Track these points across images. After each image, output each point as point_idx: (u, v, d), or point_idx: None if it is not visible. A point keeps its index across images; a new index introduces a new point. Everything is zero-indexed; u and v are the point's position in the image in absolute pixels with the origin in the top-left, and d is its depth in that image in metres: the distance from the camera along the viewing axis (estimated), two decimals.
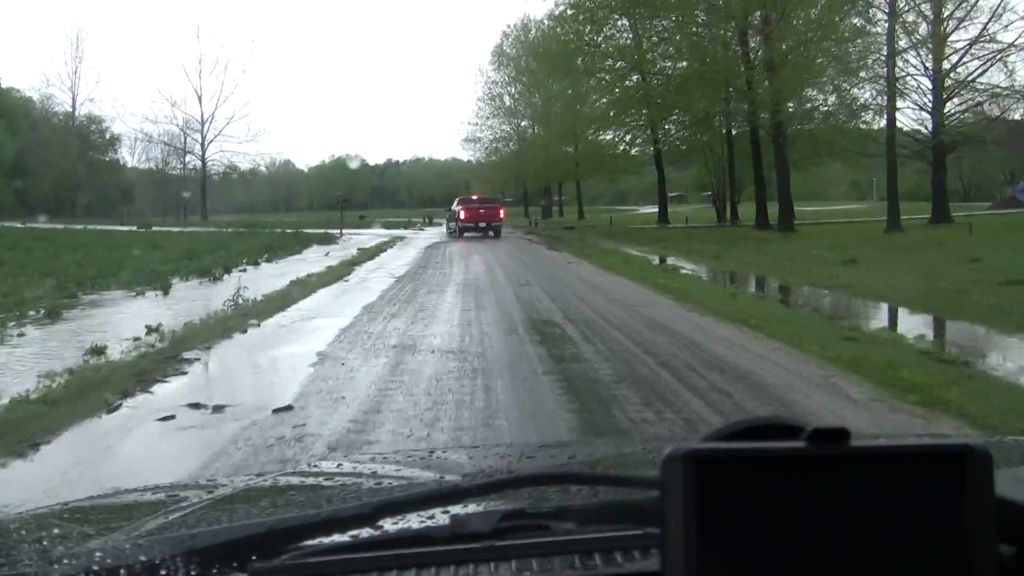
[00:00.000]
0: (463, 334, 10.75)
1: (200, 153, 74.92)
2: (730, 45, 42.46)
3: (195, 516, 1.33)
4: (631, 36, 49.57)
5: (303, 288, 17.02)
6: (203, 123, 72.62)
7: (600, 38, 49.95)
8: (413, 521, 1.14)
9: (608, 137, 60.68)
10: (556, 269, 21.58)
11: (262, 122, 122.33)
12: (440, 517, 1.14)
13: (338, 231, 43.00)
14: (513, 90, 75.25)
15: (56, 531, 1.34)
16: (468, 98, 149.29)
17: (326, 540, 1.08)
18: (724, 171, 57.91)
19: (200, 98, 72.22)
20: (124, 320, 13.63)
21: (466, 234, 37.78)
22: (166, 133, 77.42)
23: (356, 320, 12.32)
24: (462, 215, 38.89)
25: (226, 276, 20.90)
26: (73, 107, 75.14)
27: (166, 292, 17.56)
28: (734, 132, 52.67)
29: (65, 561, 1.04)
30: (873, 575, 0.80)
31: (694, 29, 41.05)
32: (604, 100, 55.27)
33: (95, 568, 0.97)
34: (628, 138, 56.15)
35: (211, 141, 74.08)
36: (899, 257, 23.15)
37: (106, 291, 17.95)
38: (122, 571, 0.95)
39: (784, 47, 37.79)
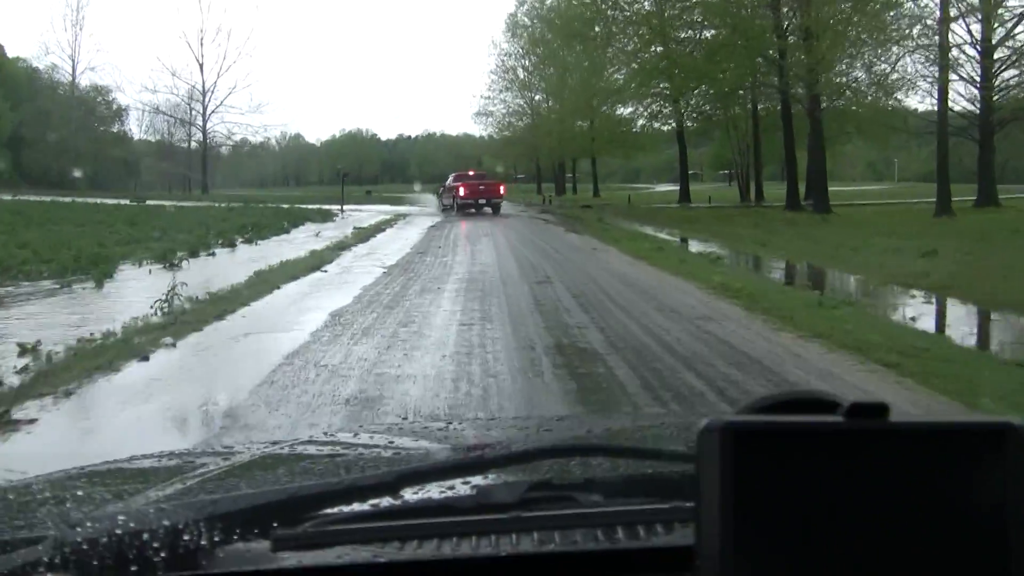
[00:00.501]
0: (458, 375, 6.94)
1: (201, 124, 70.56)
2: (758, 12, 38.41)
3: (213, 482, 1.29)
4: (652, 1, 45.55)
5: (266, 282, 13.23)
6: (204, 93, 68.45)
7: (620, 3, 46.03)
8: (435, 491, 1.10)
9: (625, 112, 56.84)
10: (580, 258, 17.73)
11: (271, 95, 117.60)
12: (463, 487, 1.10)
13: (339, 207, 39.38)
14: (527, 63, 71.12)
15: (75, 494, 1.32)
16: (481, 71, 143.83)
17: (347, 509, 1.05)
18: (748, 148, 54.06)
19: (202, 67, 68.13)
20: (7, 330, 9.94)
21: (469, 211, 34.84)
22: (167, 103, 73.46)
23: (312, 340, 8.56)
24: (461, 191, 35.84)
25: (188, 262, 17.28)
26: (73, 76, 71.22)
27: (100, 284, 13.84)
28: (760, 107, 48.96)
29: (87, 524, 0.98)
30: (909, 552, 0.78)
31: None
32: (623, 72, 51.34)
33: (117, 531, 0.94)
34: (647, 112, 52.00)
35: (212, 112, 69.95)
36: (981, 248, 19.28)
37: (31, 280, 14.26)
38: (144, 535, 0.94)
39: (824, 12, 33.74)
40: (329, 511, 1.03)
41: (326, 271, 15.22)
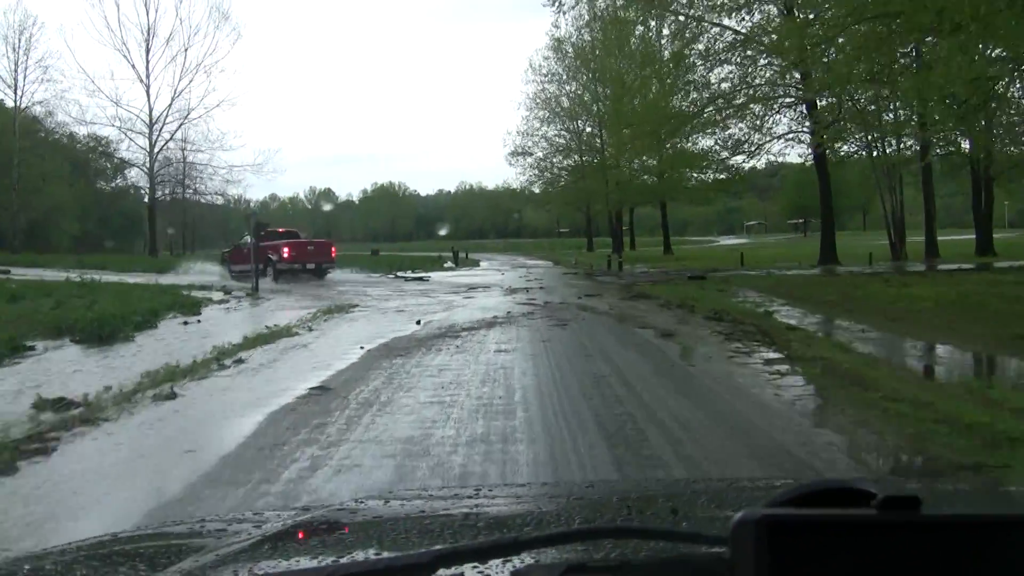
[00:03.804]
0: None
1: (149, 166, 51.42)
2: None
3: (247, 554, 1.20)
4: None
5: None
6: (151, 124, 49.17)
7: None
8: (471, 572, 1.02)
9: (709, 143, 37.21)
10: None
11: (303, 153, 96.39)
12: (499, 569, 1.02)
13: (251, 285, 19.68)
14: (572, 88, 51.51)
15: (109, 564, 1.26)
16: (519, 108, 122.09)
17: None
18: (895, 188, 33.98)
19: (148, 90, 48.33)
20: None
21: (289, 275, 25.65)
22: (91, 136, 54.58)
23: None
24: (285, 252, 26.20)
25: None
26: (16, 110, 52.76)
27: None
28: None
29: None
30: None
31: None
32: (722, 73, 31.71)
33: None
34: (762, 130, 32.04)
35: (160, 150, 50.72)
36: None
37: None
38: None
39: None
40: None
41: None
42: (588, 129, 51.67)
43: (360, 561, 1.11)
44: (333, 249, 28.98)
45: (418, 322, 12.63)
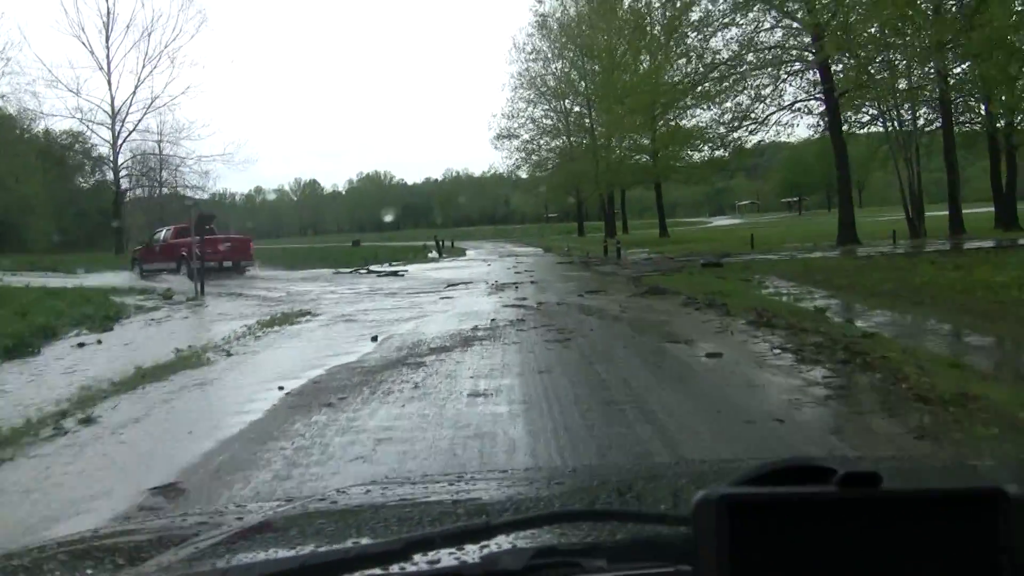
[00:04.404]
0: None
1: (112, 158, 47.91)
2: None
3: (225, 547, 1.18)
4: None
5: None
6: (113, 114, 45.68)
7: None
8: (444, 556, 0.99)
9: (709, 116, 33.92)
10: None
11: (270, 143, 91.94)
12: (472, 553, 1.00)
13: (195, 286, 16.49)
14: (558, 66, 48.17)
15: (88, 562, 1.24)
16: (502, 85, 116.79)
17: None
18: (910, 161, 30.89)
19: (109, 80, 45.06)
20: None
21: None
22: (68, 132, 51.19)
23: None
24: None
25: None
26: None
27: None
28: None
29: None
30: None
31: None
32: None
33: None
34: (767, 100, 28.84)
35: (123, 141, 47.32)
36: None
37: None
38: None
39: None
40: None
41: None
42: (576, 108, 48.47)
43: (334, 549, 1.08)
44: (251, 245, 26.89)
45: (374, 338, 9.47)
